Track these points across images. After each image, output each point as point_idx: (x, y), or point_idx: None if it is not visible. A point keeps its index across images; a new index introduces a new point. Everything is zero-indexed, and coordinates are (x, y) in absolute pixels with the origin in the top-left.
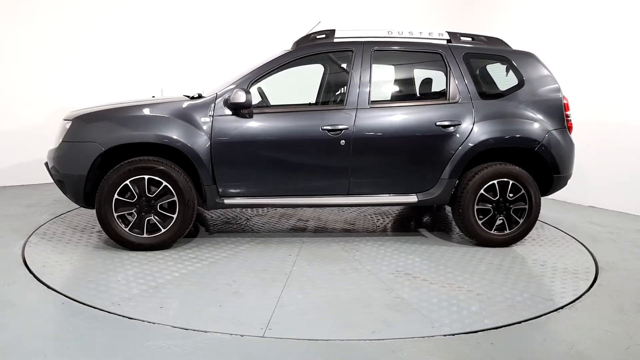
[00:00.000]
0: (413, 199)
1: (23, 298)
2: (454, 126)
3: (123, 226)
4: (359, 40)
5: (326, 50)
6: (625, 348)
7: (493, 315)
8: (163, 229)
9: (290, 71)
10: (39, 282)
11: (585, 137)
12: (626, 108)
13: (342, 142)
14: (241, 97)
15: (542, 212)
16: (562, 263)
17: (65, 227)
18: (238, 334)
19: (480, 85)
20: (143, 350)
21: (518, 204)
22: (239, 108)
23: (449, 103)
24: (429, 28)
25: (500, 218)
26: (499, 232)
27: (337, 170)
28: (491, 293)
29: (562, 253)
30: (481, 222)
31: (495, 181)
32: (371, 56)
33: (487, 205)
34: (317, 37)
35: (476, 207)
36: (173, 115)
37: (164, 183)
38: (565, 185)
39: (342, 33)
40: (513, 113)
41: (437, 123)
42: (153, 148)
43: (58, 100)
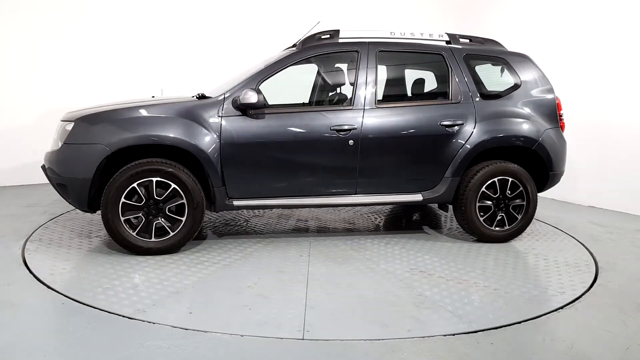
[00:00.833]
0: (418, 198)
1: (23, 298)
2: (457, 126)
3: (130, 230)
4: (364, 40)
5: (333, 50)
6: (625, 348)
7: (517, 309)
8: (171, 233)
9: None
10: (39, 282)
11: (585, 137)
12: (626, 108)
13: (351, 142)
14: (252, 98)
15: (542, 212)
16: (562, 262)
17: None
18: (278, 337)
19: (480, 85)
20: (143, 350)
21: (516, 201)
22: (250, 108)
23: (452, 103)
24: (429, 29)
25: (500, 214)
26: (500, 228)
27: (346, 170)
28: (507, 288)
29: (562, 253)
30: (482, 219)
31: (495, 179)
32: (376, 57)
33: (488, 202)
34: (322, 37)
35: (478, 205)
36: (182, 116)
37: (173, 185)
38: (558, 181)
39: (346, 33)
40: (512, 113)
41: (441, 123)
42: (158, 149)
43: (58, 100)
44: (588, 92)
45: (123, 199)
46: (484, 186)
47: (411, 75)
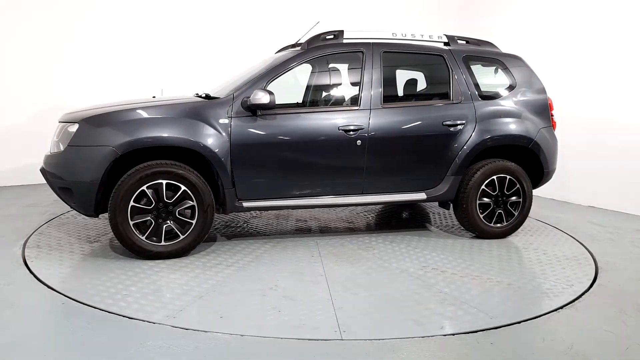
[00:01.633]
0: (422, 196)
1: (23, 298)
2: (459, 126)
3: (139, 234)
4: (369, 41)
5: (339, 50)
6: (625, 348)
7: (535, 303)
8: (181, 236)
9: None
10: (39, 282)
11: (585, 137)
12: (625, 108)
13: (359, 142)
14: (264, 98)
15: (542, 212)
16: (562, 260)
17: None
18: (316, 339)
19: (478, 86)
20: (143, 350)
21: (513, 198)
22: (261, 109)
23: (453, 104)
24: (425, 29)
25: (499, 211)
26: (498, 225)
27: (353, 170)
28: (520, 282)
29: (562, 252)
30: (482, 216)
31: (494, 177)
32: (381, 57)
33: (487, 199)
34: (327, 38)
35: (478, 202)
36: (191, 116)
37: (183, 188)
38: (550, 178)
39: (350, 34)
40: (509, 113)
41: (444, 123)
42: (164, 151)
43: (58, 100)
44: (588, 93)
45: (132, 202)
46: (484, 184)
47: (413, 75)
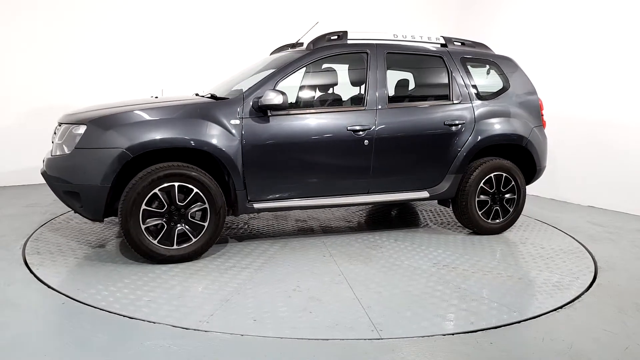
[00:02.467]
0: (425, 195)
1: (23, 298)
2: (459, 125)
3: (151, 238)
4: (373, 42)
5: (345, 51)
6: (624, 348)
7: (551, 297)
8: (194, 239)
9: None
10: (39, 282)
11: (585, 138)
12: (625, 108)
13: (366, 142)
14: (276, 99)
15: (542, 212)
16: (562, 262)
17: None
18: (353, 339)
19: (475, 87)
20: (143, 349)
21: (508, 195)
22: (273, 109)
23: (453, 104)
24: (426, 32)
25: (495, 208)
26: (496, 221)
27: (361, 169)
28: (529, 277)
29: (562, 259)
30: (480, 213)
31: (492, 175)
32: (385, 58)
33: (484, 197)
34: (332, 38)
35: (477, 199)
36: (202, 117)
37: (195, 190)
38: (541, 176)
39: (354, 35)
40: (505, 112)
41: (445, 122)
42: (172, 152)
43: (57, 100)
44: (588, 93)
45: (144, 206)
46: (482, 182)
47: (415, 76)
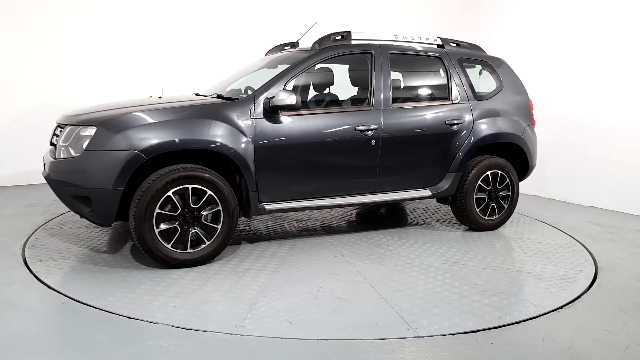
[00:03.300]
0: (427, 193)
1: (23, 298)
2: (459, 125)
3: (164, 243)
4: (376, 43)
5: (351, 51)
6: (624, 348)
7: (563, 290)
8: (207, 242)
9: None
10: (39, 282)
11: (585, 138)
12: (625, 108)
13: (373, 142)
14: (290, 99)
15: (542, 212)
16: (561, 256)
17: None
18: (392, 338)
19: (473, 87)
20: (144, 349)
21: (503, 192)
22: (285, 109)
23: (452, 104)
24: (424, 32)
25: (492, 205)
26: (491, 218)
27: (368, 169)
28: (539, 271)
29: (562, 253)
30: (478, 210)
31: (489, 172)
32: (388, 59)
33: (482, 194)
34: (336, 39)
35: (475, 197)
36: (215, 118)
37: (209, 192)
38: (532, 173)
39: (357, 35)
40: (500, 112)
41: (446, 122)
42: (182, 154)
43: (57, 99)
44: (589, 93)
45: (157, 209)
46: (479, 180)
47: (416, 76)
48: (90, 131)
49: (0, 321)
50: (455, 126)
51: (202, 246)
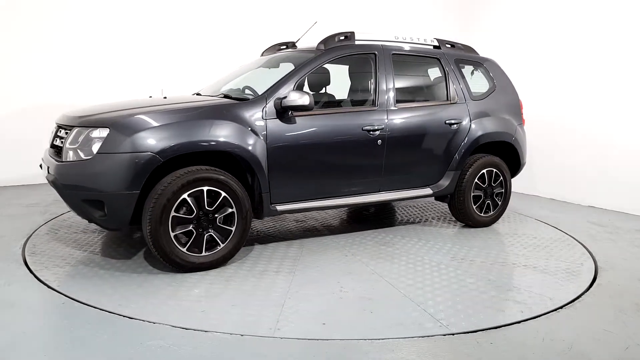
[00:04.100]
0: (429, 191)
1: (23, 298)
2: (458, 124)
3: (180, 246)
4: (379, 44)
5: (356, 52)
6: (624, 348)
7: (571, 283)
8: (221, 245)
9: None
10: (39, 282)
11: (584, 138)
12: (625, 109)
13: (379, 142)
14: (302, 99)
15: (542, 212)
16: (560, 251)
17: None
18: (428, 335)
19: (469, 87)
20: (144, 349)
21: (497, 189)
22: (298, 110)
23: (451, 104)
24: (420, 33)
25: (487, 202)
26: (487, 214)
27: (374, 168)
28: (543, 265)
29: (559, 247)
30: (475, 207)
31: (484, 170)
32: (391, 59)
33: (478, 191)
34: (340, 39)
35: (472, 194)
36: (229, 119)
37: (223, 194)
38: (522, 170)
39: (360, 36)
40: (495, 111)
41: (446, 121)
42: (194, 155)
43: (57, 99)
44: (589, 93)
45: (173, 212)
46: (476, 177)
47: (416, 77)
48: (102, 133)
49: (0, 321)
50: (454, 126)
51: (217, 249)
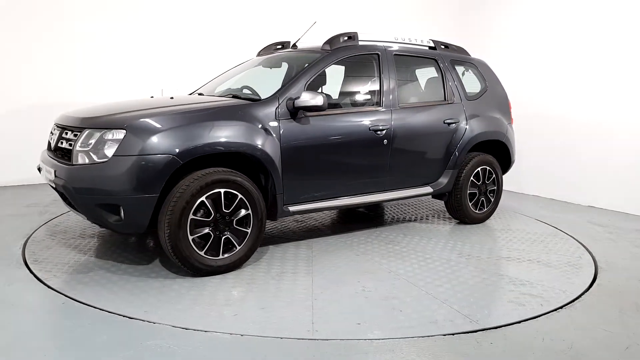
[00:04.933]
0: (429, 190)
1: (23, 298)
2: (456, 123)
3: (198, 250)
4: (381, 44)
5: (361, 52)
6: (624, 348)
7: (576, 275)
8: (238, 247)
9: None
10: (39, 282)
11: (584, 138)
12: (625, 109)
13: (385, 142)
14: (316, 100)
15: (542, 212)
16: (556, 245)
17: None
18: (460, 332)
19: (464, 88)
20: (143, 349)
21: (491, 186)
22: (311, 110)
23: (448, 104)
24: (415, 34)
25: (482, 199)
26: (481, 211)
27: (381, 168)
28: (545, 260)
29: (554, 241)
30: (470, 204)
31: (479, 168)
32: (394, 60)
33: (473, 189)
34: (344, 39)
35: (468, 192)
36: (244, 120)
37: (240, 196)
38: (511, 167)
39: (363, 36)
40: (488, 111)
41: (445, 121)
42: (207, 157)
43: (57, 99)
44: (588, 93)
45: (191, 215)
46: (472, 175)
47: (416, 77)
48: (117, 135)
49: (0, 321)
50: (452, 125)
51: (234, 251)
